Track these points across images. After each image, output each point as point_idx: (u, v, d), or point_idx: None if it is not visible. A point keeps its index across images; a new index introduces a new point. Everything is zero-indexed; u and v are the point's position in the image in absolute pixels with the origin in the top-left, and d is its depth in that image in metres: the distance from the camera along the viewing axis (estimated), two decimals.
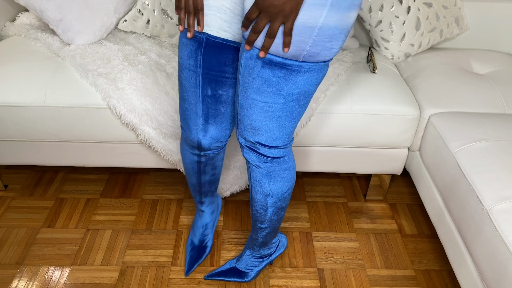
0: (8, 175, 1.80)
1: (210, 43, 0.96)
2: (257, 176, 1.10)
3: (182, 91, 1.07)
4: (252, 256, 1.35)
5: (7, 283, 1.37)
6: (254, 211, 1.19)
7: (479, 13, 1.82)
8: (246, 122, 1.01)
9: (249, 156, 1.08)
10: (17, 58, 1.51)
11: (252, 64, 0.90)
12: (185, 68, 1.03)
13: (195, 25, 0.95)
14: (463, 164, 1.25)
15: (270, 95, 0.93)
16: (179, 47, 1.02)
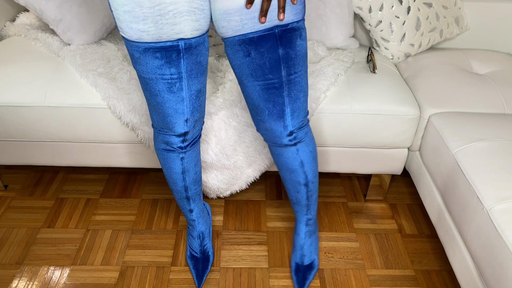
0: (8, 175, 1.80)
1: (187, 47, 0.98)
2: (307, 147, 1.18)
3: (158, 100, 1.06)
4: (312, 241, 1.39)
5: (7, 283, 1.37)
6: (311, 186, 1.25)
7: (479, 13, 1.82)
8: (292, 108, 1.09)
9: (299, 137, 1.15)
10: (17, 58, 1.51)
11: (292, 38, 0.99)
12: (159, 80, 1.02)
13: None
14: (463, 164, 1.25)
15: (305, 58, 1.05)
16: (141, 63, 0.99)
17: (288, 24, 0.97)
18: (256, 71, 1.03)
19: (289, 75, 1.04)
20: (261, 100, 1.08)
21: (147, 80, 1.02)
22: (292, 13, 0.96)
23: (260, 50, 0.99)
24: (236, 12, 0.94)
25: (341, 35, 1.69)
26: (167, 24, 0.93)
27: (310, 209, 1.32)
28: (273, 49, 0.99)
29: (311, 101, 1.42)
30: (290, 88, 1.06)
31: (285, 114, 1.09)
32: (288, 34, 0.98)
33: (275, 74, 1.03)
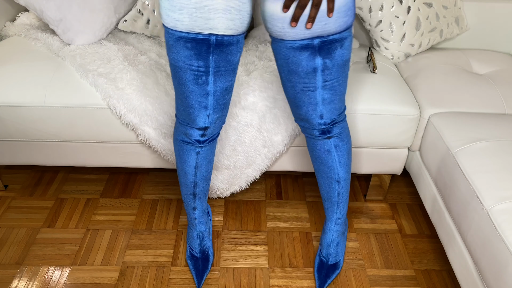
0: (8, 175, 1.80)
1: (218, 43, 1.00)
2: (342, 143, 1.21)
3: (184, 90, 1.09)
4: (340, 240, 1.40)
5: (7, 283, 1.37)
6: (343, 183, 1.27)
7: (479, 13, 1.82)
8: (331, 105, 1.12)
9: (332, 132, 1.17)
10: (17, 58, 1.51)
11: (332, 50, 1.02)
12: (187, 70, 1.04)
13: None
14: (463, 164, 1.25)
15: (346, 65, 1.08)
16: (173, 51, 1.03)
17: (329, 36, 1.00)
18: (292, 73, 1.07)
19: (324, 82, 1.07)
20: (297, 96, 1.12)
21: (176, 69, 1.05)
22: (334, 26, 0.98)
23: (298, 57, 1.03)
24: (279, 19, 0.97)
25: None
26: (201, 18, 0.95)
27: (340, 208, 1.34)
28: (310, 59, 1.03)
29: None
30: (325, 92, 1.09)
31: (318, 112, 1.13)
32: (328, 45, 1.01)
33: (311, 80, 1.06)
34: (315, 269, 1.41)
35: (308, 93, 1.09)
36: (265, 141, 1.46)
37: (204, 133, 1.18)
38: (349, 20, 1.00)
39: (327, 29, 0.98)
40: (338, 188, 1.28)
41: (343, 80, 1.11)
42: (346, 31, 1.01)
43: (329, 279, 1.38)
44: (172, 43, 1.01)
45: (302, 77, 1.06)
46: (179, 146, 1.23)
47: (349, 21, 1.00)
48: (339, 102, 1.14)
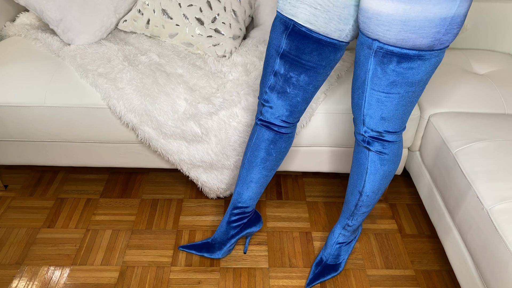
0: (8, 175, 1.80)
1: (296, 30, 1.04)
2: (380, 162, 1.17)
3: (264, 62, 1.17)
4: (344, 244, 1.39)
5: (7, 283, 1.37)
6: (365, 197, 1.23)
7: (479, 13, 1.82)
8: (376, 115, 1.09)
9: (373, 146, 1.15)
10: (17, 58, 1.51)
11: (386, 61, 0.97)
12: (270, 45, 1.12)
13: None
14: (463, 164, 1.25)
15: (403, 87, 1.01)
16: (272, 28, 1.11)
17: (387, 45, 0.95)
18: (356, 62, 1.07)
19: (372, 89, 1.04)
20: (353, 86, 1.12)
21: (268, 44, 1.13)
22: (398, 37, 0.92)
23: (359, 51, 1.03)
24: (360, 10, 0.96)
25: None
26: (289, 3, 1.02)
27: (353, 217, 1.32)
28: (366, 57, 1.01)
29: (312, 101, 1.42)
30: (371, 97, 1.06)
31: (362, 109, 1.11)
32: (383, 54, 0.97)
33: (363, 76, 1.05)
34: (313, 264, 1.42)
35: (362, 85, 1.06)
36: None
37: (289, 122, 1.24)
38: (418, 40, 0.91)
39: (387, 36, 0.93)
40: (358, 199, 1.26)
41: (398, 101, 1.04)
42: (415, 51, 0.93)
43: (322, 278, 1.38)
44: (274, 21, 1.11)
45: (359, 68, 1.05)
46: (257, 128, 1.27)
47: (418, 40, 0.91)
48: (388, 119, 1.09)
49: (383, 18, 0.90)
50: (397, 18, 0.89)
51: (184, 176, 1.82)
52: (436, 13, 0.87)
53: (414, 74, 0.98)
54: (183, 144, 1.45)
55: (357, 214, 1.30)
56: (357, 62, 1.05)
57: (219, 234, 1.39)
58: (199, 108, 1.39)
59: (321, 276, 1.38)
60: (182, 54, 1.59)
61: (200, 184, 1.55)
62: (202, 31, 1.60)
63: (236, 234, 1.39)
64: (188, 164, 1.49)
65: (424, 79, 1.00)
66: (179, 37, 1.62)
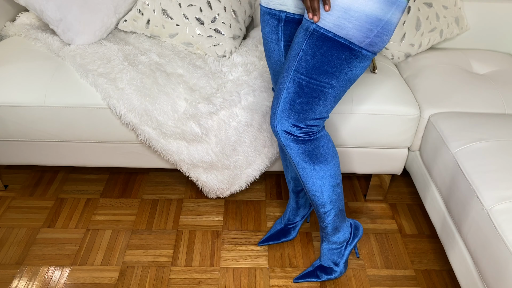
0: (8, 175, 1.80)
1: (288, 20, 1.09)
2: (299, 158, 1.16)
3: (268, 61, 1.22)
4: (330, 248, 1.36)
5: (7, 283, 1.37)
6: (312, 196, 1.22)
7: (479, 13, 1.82)
8: (297, 106, 1.08)
9: (286, 141, 1.13)
10: (17, 58, 1.51)
11: (319, 44, 0.98)
12: (268, 41, 1.16)
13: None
14: (463, 164, 1.25)
15: (327, 75, 1.02)
16: (262, 25, 1.16)
17: (295, 15, 1.07)
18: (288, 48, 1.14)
19: (296, 72, 1.02)
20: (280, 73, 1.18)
21: (264, 41, 1.18)
22: (294, 5, 1.05)
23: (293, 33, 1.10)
24: None
25: None
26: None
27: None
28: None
29: None
30: (287, 81, 1.04)
31: (277, 102, 1.09)
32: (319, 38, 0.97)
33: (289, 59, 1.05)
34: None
35: (283, 73, 1.07)
36: (265, 141, 1.46)
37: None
38: (352, 31, 0.94)
39: (326, 20, 0.94)
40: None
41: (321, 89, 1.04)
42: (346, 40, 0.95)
43: (308, 278, 1.38)
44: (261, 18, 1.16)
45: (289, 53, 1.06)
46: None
47: (351, 32, 0.94)
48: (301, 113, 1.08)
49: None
50: (340, 4, 0.93)
51: (184, 176, 1.82)
52: (373, 11, 0.92)
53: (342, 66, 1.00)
54: (183, 144, 1.45)
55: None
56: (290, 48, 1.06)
57: (291, 216, 1.50)
58: (199, 108, 1.39)
59: (311, 275, 1.39)
60: (182, 54, 1.59)
61: (200, 184, 1.55)
62: (202, 31, 1.60)
63: (306, 213, 1.50)
64: (188, 164, 1.49)
65: (348, 77, 1.02)
66: (179, 37, 1.62)
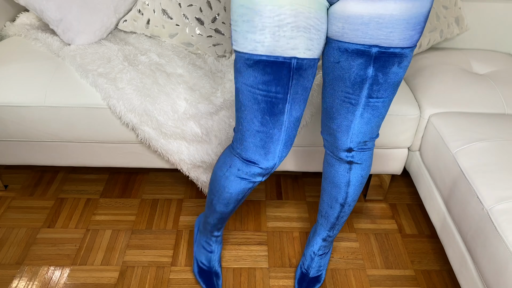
0: (8, 175, 1.80)
1: (299, 66, 0.93)
2: (361, 172, 1.16)
3: (258, 120, 0.99)
4: (324, 255, 1.37)
5: (7, 283, 1.37)
6: (347, 208, 1.22)
7: (479, 13, 1.82)
8: (368, 126, 1.06)
9: (355, 158, 1.12)
10: (17, 58, 1.51)
11: (388, 64, 0.95)
12: (262, 97, 0.96)
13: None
14: (463, 164, 1.25)
15: (396, 87, 1.01)
16: (247, 76, 0.95)
17: (390, 48, 0.92)
18: (338, 80, 1.00)
19: (369, 97, 1.00)
20: (334, 107, 1.05)
21: (248, 97, 0.97)
22: (399, 37, 0.90)
23: (350, 62, 0.96)
24: (340, 18, 0.91)
25: None
26: (284, 37, 0.88)
27: (334, 229, 1.31)
28: (362, 67, 0.95)
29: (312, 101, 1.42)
30: (365, 110, 1.02)
31: (351, 131, 1.06)
32: (386, 58, 0.93)
33: (356, 91, 0.99)
34: (296, 281, 1.38)
35: (348, 106, 1.02)
36: None
37: (270, 172, 1.09)
38: (415, 36, 0.92)
39: (391, 38, 0.90)
40: (340, 211, 1.23)
41: (388, 103, 1.02)
42: (409, 48, 0.94)
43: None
44: (247, 68, 0.93)
45: (348, 86, 0.99)
46: (229, 182, 1.11)
47: (415, 36, 0.92)
48: (376, 127, 1.06)
49: (386, 21, 0.88)
50: (401, 18, 0.87)
51: (184, 176, 1.82)
52: (427, 7, 0.89)
53: (403, 72, 0.99)
54: (183, 144, 1.45)
55: (338, 224, 1.29)
56: (342, 77, 0.98)
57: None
58: (199, 108, 1.39)
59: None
60: (182, 54, 1.59)
61: (200, 184, 1.55)
62: (202, 31, 1.60)
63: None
64: (188, 164, 1.49)
65: (402, 78, 1.02)
66: (179, 37, 1.62)
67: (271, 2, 0.86)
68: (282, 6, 0.86)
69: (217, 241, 1.36)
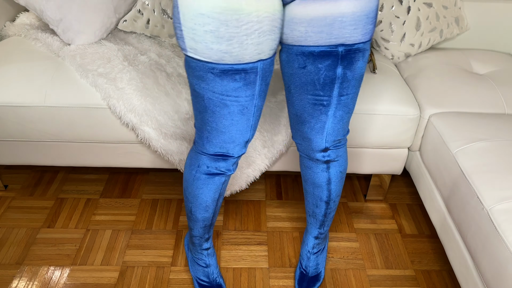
0: (8, 175, 1.80)
1: (264, 66, 0.94)
2: (339, 168, 1.17)
3: (225, 123, 0.99)
4: (319, 252, 1.38)
5: (7, 283, 1.37)
6: (332, 204, 1.23)
7: (479, 13, 1.82)
8: (341, 124, 1.07)
9: (335, 155, 1.14)
10: (17, 58, 1.51)
11: (354, 61, 0.96)
12: (232, 102, 0.95)
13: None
14: (463, 164, 1.25)
15: (361, 80, 1.03)
16: (214, 85, 0.93)
17: (355, 44, 0.93)
18: (307, 84, 1.00)
19: (340, 96, 1.01)
20: (304, 113, 1.05)
21: (216, 103, 0.95)
22: (362, 33, 0.92)
23: (317, 65, 0.96)
24: (302, 22, 0.91)
25: None
26: (251, 44, 0.87)
27: (324, 225, 1.32)
28: (331, 68, 0.96)
29: None
30: (337, 108, 1.03)
31: (325, 131, 1.07)
32: (352, 55, 0.95)
33: (326, 92, 1.00)
34: (296, 282, 1.38)
35: (320, 108, 1.02)
36: (265, 141, 1.46)
37: (237, 161, 1.10)
38: (373, 29, 0.95)
39: (355, 35, 0.92)
40: (326, 208, 1.25)
41: (356, 98, 1.04)
42: (369, 41, 0.96)
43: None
44: (214, 77, 0.91)
45: (317, 88, 0.99)
46: (201, 182, 1.11)
47: (373, 29, 0.95)
48: (347, 123, 1.08)
49: (349, 19, 0.89)
50: (362, 14, 0.89)
51: None
52: (376, 0, 0.92)
53: (366, 65, 1.01)
54: (183, 144, 1.45)
55: (327, 221, 1.30)
56: (311, 81, 0.98)
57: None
58: None
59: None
60: (182, 54, 1.59)
61: None
62: None
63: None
64: None
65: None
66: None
67: (238, 12, 0.83)
68: (249, 14, 0.84)
69: (209, 254, 1.34)
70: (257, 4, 0.83)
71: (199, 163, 1.10)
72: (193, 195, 1.14)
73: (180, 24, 0.87)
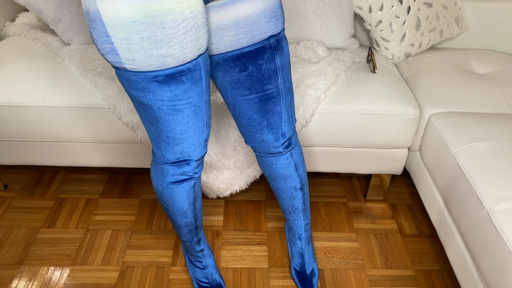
0: (8, 175, 1.80)
1: (205, 60, 0.92)
2: (298, 150, 1.20)
3: (181, 128, 0.97)
4: (308, 243, 1.38)
5: (7, 283, 1.37)
6: (305, 188, 1.26)
7: (479, 13, 1.82)
8: (288, 114, 1.10)
9: (294, 140, 1.17)
10: (17, 58, 1.51)
11: (284, 46, 1.01)
12: (184, 105, 0.93)
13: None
14: (463, 164, 1.25)
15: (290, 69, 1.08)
16: (160, 93, 0.89)
17: (280, 33, 0.99)
18: (254, 84, 1.01)
19: (284, 83, 1.05)
20: (258, 112, 1.06)
21: (167, 111, 0.92)
22: (282, 21, 0.99)
23: (258, 62, 0.98)
24: (230, 27, 0.91)
25: (341, 35, 1.69)
26: (191, 42, 0.85)
27: (306, 213, 1.32)
28: (270, 60, 0.99)
29: (312, 101, 1.42)
30: (286, 95, 1.07)
31: (282, 121, 1.10)
32: (281, 43, 1.00)
33: (274, 84, 1.03)
34: (297, 283, 1.37)
35: (273, 100, 1.04)
36: None
37: (201, 161, 1.08)
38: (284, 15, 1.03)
39: (279, 25, 0.98)
40: (302, 195, 1.26)
41: (291, 80, 1.09)
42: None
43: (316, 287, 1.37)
44: (159, 85, 0.88)
45: (265, 84, 1.01)
46: (171, 191, 1.09)
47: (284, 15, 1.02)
48: (294, 107, 1.13)
49: (271, 12, 0.94)
50: (277, 3, 0.95)
51: None
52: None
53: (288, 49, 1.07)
54: None
55: (307, 207, 1.31)
56: (257, 79, 1.00)
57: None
58: None
59: (313, 286, 1.36)
60: None
61: None
62: None
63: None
64: None
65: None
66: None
67: (172, 12, 0.80)
68: (183, 12, 0.82)
69: (206, 255, 1.33)
70: (187, 0, 0.82)
71: (163, 174, 1.08)
72: (167, 204, 1.14)
73: (108, 37, 0.82)
